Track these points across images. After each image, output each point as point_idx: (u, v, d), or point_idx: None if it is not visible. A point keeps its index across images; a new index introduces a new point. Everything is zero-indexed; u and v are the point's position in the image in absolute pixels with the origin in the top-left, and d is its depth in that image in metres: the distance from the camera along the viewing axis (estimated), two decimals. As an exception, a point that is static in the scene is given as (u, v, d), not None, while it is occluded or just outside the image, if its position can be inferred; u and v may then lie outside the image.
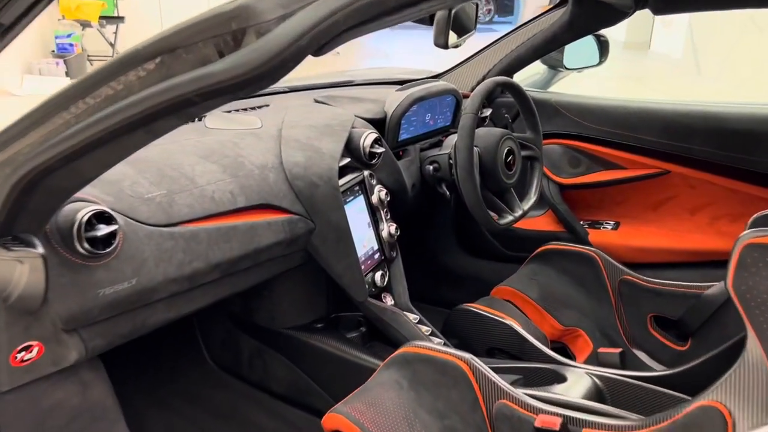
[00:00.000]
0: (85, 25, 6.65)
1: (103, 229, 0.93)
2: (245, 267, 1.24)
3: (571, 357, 1.57)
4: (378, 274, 1.44)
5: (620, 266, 1.63)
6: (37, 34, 6.36)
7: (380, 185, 1.50)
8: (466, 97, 1.89)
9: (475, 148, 1.53)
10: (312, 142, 1.39)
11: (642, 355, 1.61)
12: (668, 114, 1.74)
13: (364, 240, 1.45)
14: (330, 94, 1.73)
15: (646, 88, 7.14)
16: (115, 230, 0.95)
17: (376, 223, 1.49)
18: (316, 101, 1.68)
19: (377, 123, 1.59)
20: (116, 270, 0.98)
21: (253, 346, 1.64)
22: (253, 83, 0.60)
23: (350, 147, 1.46)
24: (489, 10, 11.68)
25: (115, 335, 1.06)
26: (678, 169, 1.76)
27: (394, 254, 1.53)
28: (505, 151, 1.55)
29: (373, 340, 1.53)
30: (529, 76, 2.19)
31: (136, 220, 1.05)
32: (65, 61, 6.10)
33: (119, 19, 6.98)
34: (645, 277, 1.60)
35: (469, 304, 1.52)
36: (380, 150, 1.48)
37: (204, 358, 1.75)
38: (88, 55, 6.99)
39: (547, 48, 1.77)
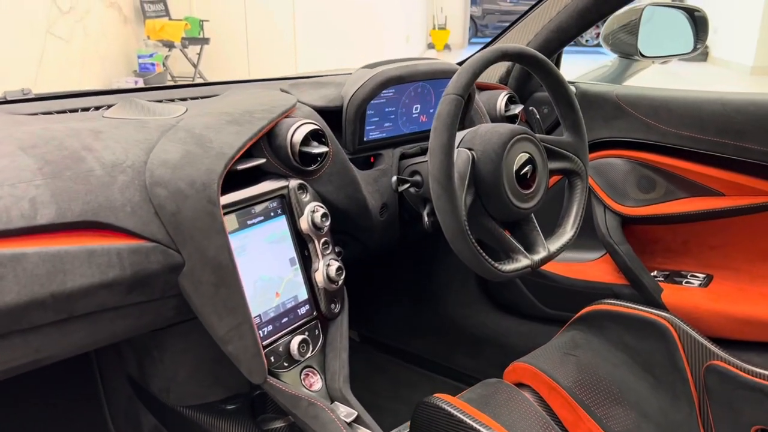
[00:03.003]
0: (170, 45, 6.64)
1: None
2: (44, 322, 0.77)
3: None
4: (296, 341, 0.93)
5: (709, 345, 1.10)
6: (122, 54, 6.41)
7: (317, 203, 0.99)
8: (487, 88, 1.36)
9: (469, 152, 0.99)
10: (207, 132, 0.92)
11: None
12: None
13: (278, 285, 0.94)
14: (300, 82, 1.26)
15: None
16: None
17: (306, 260, 0.98)
18: (282, 90, 1.21)
19: (333, 114, 1.09)
20: None
21: (152, 423, 1.18)
22: None
23: (274, 144, 0.98)
24: (597, 34, 10.89)
25: None
26: None
27: (336, 309, 1.01)
28: (519, 159, 1.00)
29: None
30: (592, 69, 1.62)
31: None
32: (144, 81, 6.06)
33: (204, 40, 6.95)
34: (749, 366, 1.06)
35: (443, 397, 0.97)
36: (319, 150, 0.98)
37: (108, 427, 1.30)
38: (173, 76, 6.99)
39: (599, 11, 1.20)
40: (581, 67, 1.66)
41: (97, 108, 1.06)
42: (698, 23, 1.50)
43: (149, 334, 1.04)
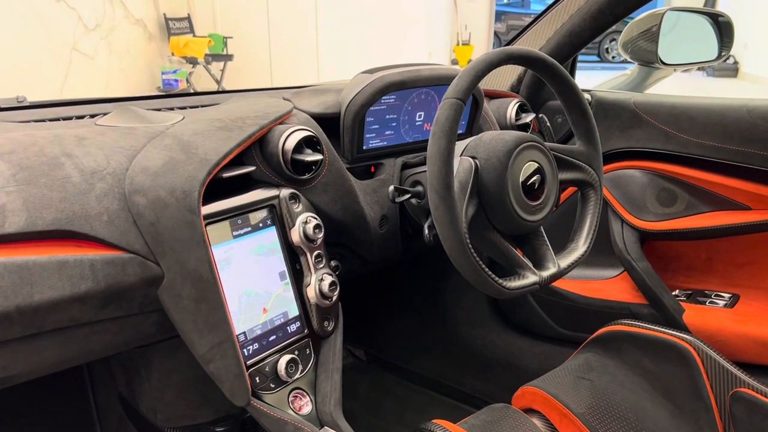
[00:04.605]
0: (193, 62, 6.70)
1: None
2: (10, 337, 0.73)
3: None
4: (284, 360, 0.87)
5: (735, 370, 1.02)
6: (146, 70, 6.49)
7: (309, 213, 0.93)
8: (498, 96, 1.30)
9: (472, 160, 0.93)
10: (194, 139, 0.88)
11: None
12: None
13: (266, 301, 0.89)
14: (303, 90, 1.22)
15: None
16: None
17: (298, 274, 0.93)
18: (284, 99, 1.17)
19: (332, 121, 1.04)
20: None
21: (141, 445, 1.12)
22: None
23: (266, 151, 0.93)
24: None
25: None
26: None
27: (329, 327, 0.95)
28: (527, 168, 0.94)
29: None
30: (610, 79, 1.55)
31: None
32: (167, 96, 6.12)
33: (227, 57, 7.00)
34: None
35: (442, 423, 0.90)
36: (313, 158, 0.93)
37: None
38: (196, 92, 7.05)
39: (613, 13, 1.14)
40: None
41: (92, 116, 1.02)
42: (723, 29, 1.42)
43: (138, 351, 0.99)
